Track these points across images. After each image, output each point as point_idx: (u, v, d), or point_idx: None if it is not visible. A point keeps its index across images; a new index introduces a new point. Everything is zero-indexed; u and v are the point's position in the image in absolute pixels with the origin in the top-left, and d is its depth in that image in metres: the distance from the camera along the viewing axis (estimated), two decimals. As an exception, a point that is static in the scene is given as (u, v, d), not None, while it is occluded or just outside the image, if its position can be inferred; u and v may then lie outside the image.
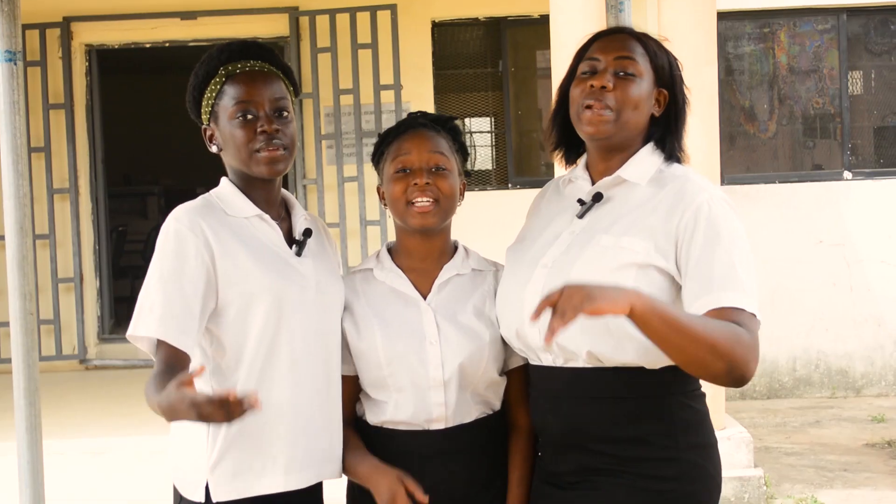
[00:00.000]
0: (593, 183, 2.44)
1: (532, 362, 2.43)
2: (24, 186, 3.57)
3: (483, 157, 9.08)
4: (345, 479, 2.56)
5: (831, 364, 8.48)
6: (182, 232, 2.38)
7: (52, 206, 8.61)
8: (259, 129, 2.42)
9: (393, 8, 8.26)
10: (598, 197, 2.41)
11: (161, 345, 2.34)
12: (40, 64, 8.51)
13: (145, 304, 2.37)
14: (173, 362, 2.30)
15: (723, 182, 7.99)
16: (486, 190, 8.68)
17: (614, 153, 2.41)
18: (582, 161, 2.52)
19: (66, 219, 8.67)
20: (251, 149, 2.43)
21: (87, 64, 8.86)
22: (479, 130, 9.11)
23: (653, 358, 2.27)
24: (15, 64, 3.54)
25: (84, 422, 6.72)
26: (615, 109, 2.35)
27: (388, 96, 8.30)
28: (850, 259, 8.44)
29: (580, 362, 2.32)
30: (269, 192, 2.51)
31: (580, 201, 2.43)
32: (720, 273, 2.21)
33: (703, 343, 2.10)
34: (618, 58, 2.38)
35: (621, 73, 2.37)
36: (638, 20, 7.50)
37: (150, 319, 2.34)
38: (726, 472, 6.31)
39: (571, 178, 2.50)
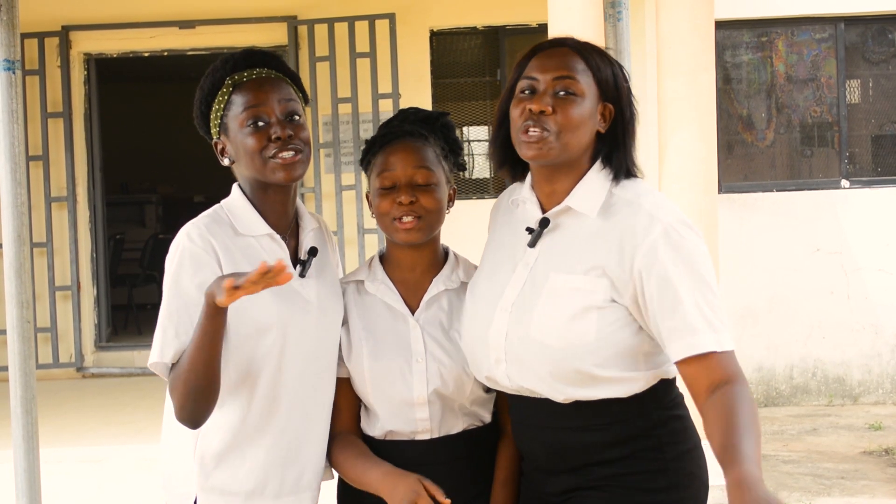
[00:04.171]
0: (541, 205, 2.35)
1: None
2: (22, 195, 3.57)
3: (481, 165, 9.08)
4: (337, 478, 2.55)
5: (829, 372, 8.48)
6: (197, 253, 2.32)
7: (50, 214, 8.61)
8: (273, 136, 2.35)
9: (391, 17, 8.28)
10: (545, 222, 2.32)
11: None
12: (39, 73, 8.53)
13: (169, 331, 2.29)
14: None
15: (721, 190, 8.00)
16: (483, 198, 8.68)
17: (559, 174, 2.30)
18: (528, 179, 2.41)
19: (64, 227, 8.67)
20: (265, 156, 2.35)
21: (85, 73, 8.87)
22: (478, 139, 9.12)
23: (627, 390, 2.25)
24: (13, 73, 3.55)
25: (81, 430, 6.71)
26: (555, 132, 2.23)
27: (386, 105, 8.30)
28: (848, 267, 8.44)
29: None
30: (283, 203, 2.44)
31: (529, 230, 2.35)
32: (686, 315, 2.13)
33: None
34: (557, 77, 2.25)
35: (561, 93, 2.24)
36: (636, 28, 7.52)
37: (177, 345, 2.28)
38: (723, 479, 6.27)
39: (519, 201, 2.41)
